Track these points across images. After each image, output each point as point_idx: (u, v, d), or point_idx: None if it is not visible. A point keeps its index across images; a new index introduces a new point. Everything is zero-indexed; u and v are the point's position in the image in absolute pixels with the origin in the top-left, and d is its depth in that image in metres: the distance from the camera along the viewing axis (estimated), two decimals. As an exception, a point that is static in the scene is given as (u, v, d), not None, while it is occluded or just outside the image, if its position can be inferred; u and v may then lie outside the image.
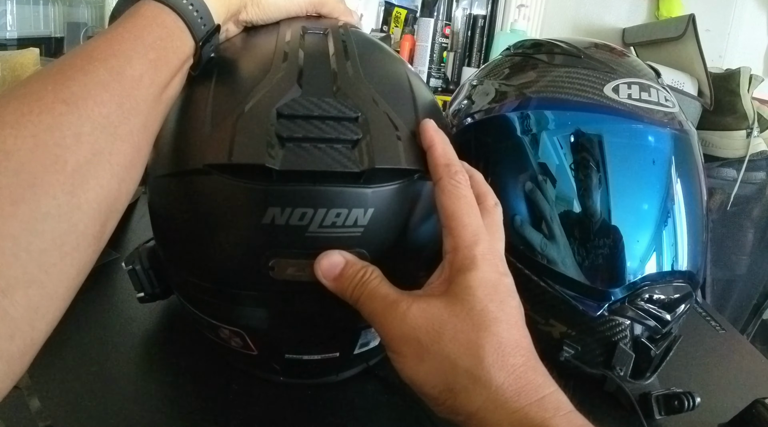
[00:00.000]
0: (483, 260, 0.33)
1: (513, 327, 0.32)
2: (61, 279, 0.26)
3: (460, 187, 0.34)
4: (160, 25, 0.33)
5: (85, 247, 0.27)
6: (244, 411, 0.43)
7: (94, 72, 0.29)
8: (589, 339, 0.48)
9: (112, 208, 0.29)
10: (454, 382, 0.31)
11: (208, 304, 0.40)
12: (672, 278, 0.48)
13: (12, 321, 0.24)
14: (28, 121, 0.26)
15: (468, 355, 0.31)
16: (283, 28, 0.42)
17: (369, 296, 0.33)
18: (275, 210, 0.33)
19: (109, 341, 0.49)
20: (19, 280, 0.24)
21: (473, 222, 0.34)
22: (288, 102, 0.34)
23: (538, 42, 0.57)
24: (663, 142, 0.49)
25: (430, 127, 0.36)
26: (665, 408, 0.47)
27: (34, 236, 0.24)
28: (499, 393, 0.30)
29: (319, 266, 0.34)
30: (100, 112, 0.28)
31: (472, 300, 0.32)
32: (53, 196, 0.25)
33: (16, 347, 0.24)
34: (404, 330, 0.32)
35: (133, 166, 0.31)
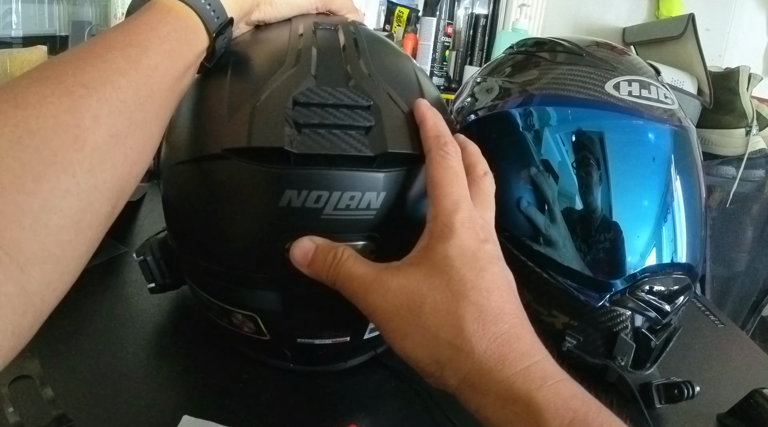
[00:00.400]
0: (462, 227, 0.33)
1: (493, 294, 0.32)
2: (74, 256, 0.27)
3: (447, 157, 0.35)
4: (174, 18, 0.34)
5: (97, 225, 0.28)
6: (254, 399, 0.44)
7: (113, 59, 0.30)
8: (591, 330, 0.49)
9: (123, 190, 0.30)
10: (439, 354, 0.31)
11: (222, 289, 0.41)
12: (672, 270, 0.49)
13: (27, 296, 0.24)
14: (49, 102, 0.26)
15: (448, 326, 0.31)
16: (295, 23, 0.43)
17: (346, 277, 0.34)
18: (292, 193, 0.34)
19: (119, 332, 0.50)
20: (37, 255, 0.24)
21: (455, 191, 0.34)
22: (303, 91, 0.35)
23: (541, 40, 0.58)
24: (663, 138, 0.50)
25: (422, 103, 0.37)
26: (665, 397, 0.48)
27: (53, 213, 0.25)
28: (482, 362, 0.30)
29: (293, 254, 0.35)
30: (117, 97, 0.29)
31: (450, 270, 0.32)
32: (73, 174, 0.26)
33: (27, 322, 0.25)
34: (386, 307, 0.32)
35: (144, 152, 0.32)
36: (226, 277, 0.40)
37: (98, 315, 0.52)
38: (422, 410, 0.45)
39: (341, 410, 0.44)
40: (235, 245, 0.38)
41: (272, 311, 0.40)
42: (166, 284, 0.48)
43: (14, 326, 0.24)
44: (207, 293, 0.43)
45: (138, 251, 0.48)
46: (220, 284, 0.41)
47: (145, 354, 0.48)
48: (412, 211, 0.38)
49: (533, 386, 0.29)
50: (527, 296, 0.50)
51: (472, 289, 0.31)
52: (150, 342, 0.50)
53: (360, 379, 0.48)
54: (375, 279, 0.33)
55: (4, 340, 0.23)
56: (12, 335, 0.24)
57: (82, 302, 0.53)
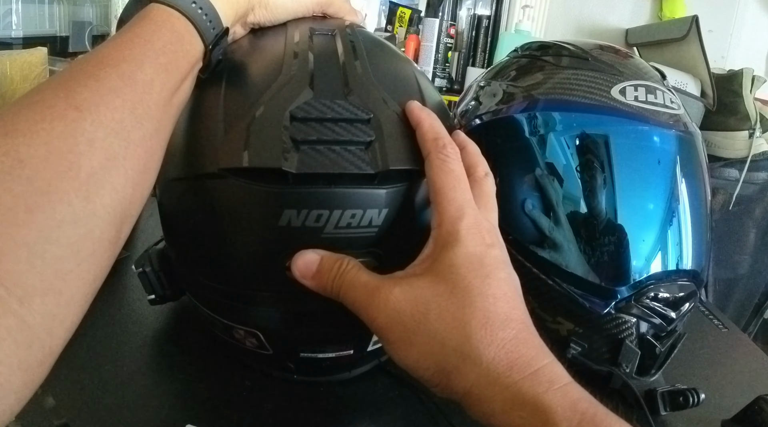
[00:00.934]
0: (467, 233, 0.32)
1: (500, 300, 0.31)
2: (78, 286, 0.26)
3: (447, 161, 0.34)
4: (169, 29, 0.33)
5: (101, 252, 0.27)
6: (257, 408, 0.44)
7: (106, 78, 0.29)
8: (596, 336, 0.49)
9: (126, 213, 0.29)
10: (445, 362, 0.30)
11: (222, 305, 0.40)
12: (677, 276, 0.49)
13: (30, 329, 0.23)
14: (41, 128, 0.25)
15: (455, 333, 0.30)
16: (290, 29, 0.42)
17: (349, 286, 0.33)
18: (291, 212, 0.33)
19: (121, 339, 0.50)
20: (36, 288, 0.24)
21: (459, 196, 0.33)
22: (301, 105, 0.34)
23: (545, 44, 0.58)
24: (668, 144, 0.50)
25: (414, 106, 0.36)
26: (670, 404, 0.47)
27: (49, 244, 0.24)
28: (490, 369, 0.29)
29: (296, 266, 0.34)
30: (113, 118, 0.28)
31: (455, 278, 0.31)
32: (68, 202, 0.25)
33: (34, 356, 0.24)
34: (389, 315, 0.31)
35: (146, 171, 0.31)
36: (226, 294, 0.39)
37: (99, 321, 0.51)
38: (426, 418, 0.45)
39: (345, 419, 0.44)
40: (235, 264, 0.37)
41: (274, 328, 0.40)
42: (166, 295, 0.47)
43: (20, 361, 0.23)
44: (207, 309, 0.42)
45: (137, 262, 0.47)
46: (221, 300, 0.40)
47: (146, 362, 0.48)
48: (415, 225, 0.37)
49: (541, 389, 0.29)
50: (532, 302, 0.49)
51: (479, 295, 0.31)
52: (152, 349, 0.49)
53: (364, 387, 0.47)
54: (377, 287, 0.32)
55: (11, 374, 0.23)
56: (19, 370, 0.23)
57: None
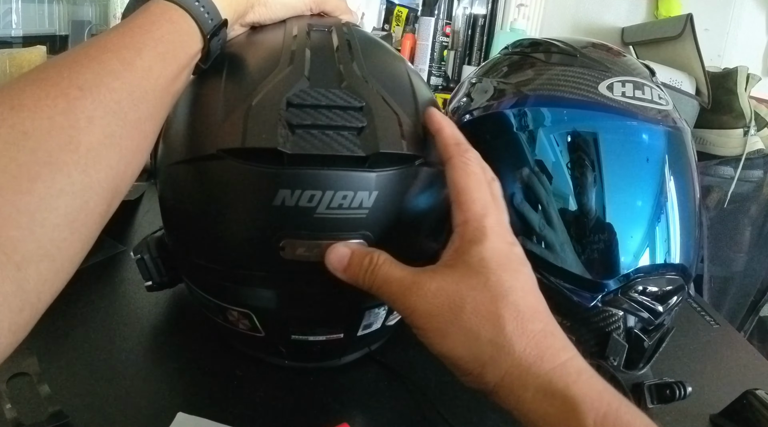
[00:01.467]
0: (492, 231, 0.34)
1: (528, 294, 0.34)
2: (69, 254, 0.27)
3: (470, 163, 0.36)
4: (168, 20, 0.35)
5: (92, 224, 0.29)
6: (248, 396, 0.44)
7: (107, 62, 0.30)
8: (584, 330, 0.49)
9: (117, 189, 0.31)
10: (480, 352, 0.32)
11: (217, 286, 0.42)
12: (665, 270, 0.49)
13: (24, 294, 0.25)
14: (44, 104, 0.27)
15: (489, 325, 0.32)
16: (289, 25, 0.44)
17: (384, 281, 0.35)
18: (285, 192, 0.35)
19: (116, 330, 0.50)
20: (34, 254, 0.25)
21: (483, 196, 0.35)
22: (297, 92, 0.36)
23: (536, 41, 0.58)
24: (657, 139, 0.50)
25: (436, 113, 0.39)
26: (657, 397, 0.48)
27: (49, 212, 0.26)
28: (522, 359, 0.31)
29: (329, 260, 0.36)
30: (111, 98, 0.29)
31: (487, 272, 0.33)
32: (68, 174, 0.27)
33: (23, 319, 0.25)
34: (427, 308, 0.33)
35: (139, 151, 0.32)
36: (221, 275, 0.40)
37: (95, 313, 0.52)
38: (415, 408, 0.46)
39: (335, 408, 0.45)
40: (231, 244, 0.38)
41: (267, 308, 0.41)
42: (163, 282, 0.48)
43: (11, 323, 0.24)
44: (203, 291, 0.43)
45: (135, 249, 0.48)
46: (216, 281, 0.41)
47: (141, 352, 0.48)
48: (404, 210, 0.38)
49: (570, 380, 0.31)
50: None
51: (510, 289, 0.33)
52: (146, 340, 0.50)
53: (354, 376, 0.48)
54: (414, 282, 0.34)
55: (1, 336, 0.24)
56: (9, 332, 0.24)
57: (80, 299, 0.53)
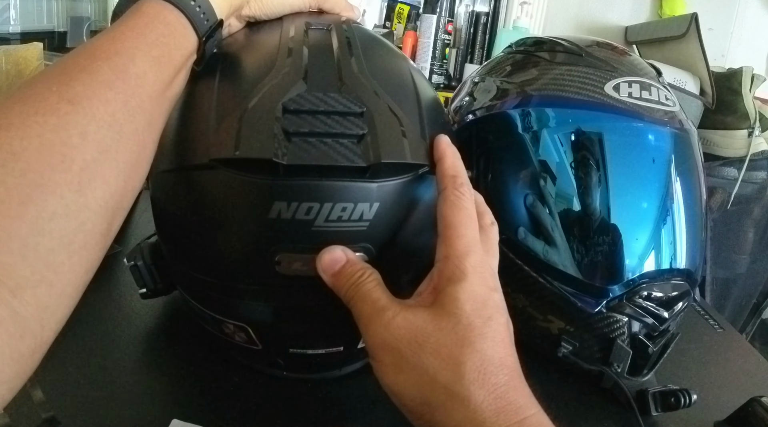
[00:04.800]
0: (473, 272, 0.32)
1: (498, 345, 0.31)
2: (70, 278, 0.26)
3: (463, 198, 0.34)
4: (162, 21, 0.33)
5: (92, 245, 0.27)
6: (244, 404, 0.43)
7: (98, 71, 0.29)
8: (587, 335, 0.48)
9: (118, 206, 0.29)
10: (432, 396, 0.30)
11: (212, 299, 0.40)
12: (670, 275, 0.49)
13: (22, 321, 0.24)
14: (33, 121, 0.26)
15: (448, 370, 0.30)
16: (286, 23, 0.42)
17: (361, 298, 0.33)
18: (281, 204, 0.33)
19: (111, 334, 0.50)
20: (28, 280, 0.24)
21: (469, 234, 0.33)
22: (293, 97, 0.34)
23: (540, 40, 0.57)
24: (663, 141, 0.49)
25: (444, 140, 0.37)
26: (662, 405, 0.47)
27: (41, 236, 0.25)
28: (477, 412, 0.29)
29: (321, 259, 0.34)
30: (105, 111, 0.28)
31: (459, 313, 0.31)
32: (60, 195, 0.25)
33: (26, 347, 0.24)
34: (386, 338, 0.31)
35: (138, 164, 0.31)
36: (216, 287, 0.39)
37: (90, 316, 0.51)
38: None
39: (333, 417, 0.44)
40: (225, 256, 0.37)
41: (263, 323, 0.40)
42: (158, 289, 0.47)
43: (12, 351, 0.23)
44: (198, 303, 0.42)
45: (129, 255, 0.47)
46: (211, 293, 0.40)
47: (136, 356, 0.48)
48: (407, 221, 0.37)
49: None
50: (523, 300, 0.49)
51: (479, 336, 0.31)
52: (141, 344, 0.49)
53: (353, 385, 0.47)
54: (384, 308, 0.32)
55: (4, 364, 0.23)
56: (11, 360, 0.23)
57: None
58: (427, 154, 0.36)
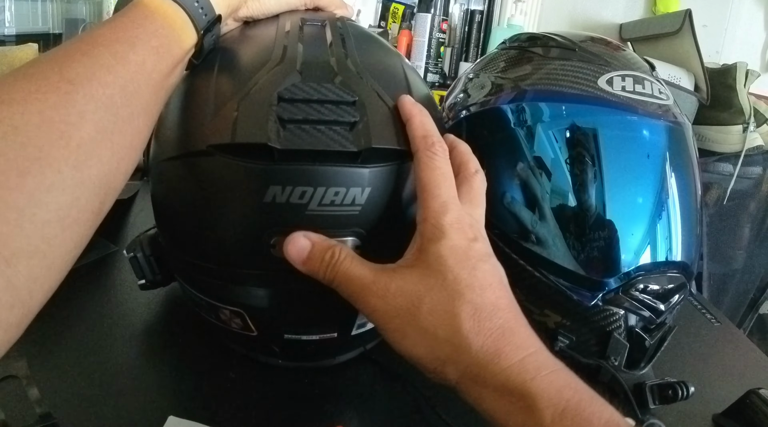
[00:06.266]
0: (451, 228, 0.33)
1: (487, 290, 0.33)
2: (61, 251, 0.27)
3: (435, 158, 0.35)
4: (162, 15, 0.34)
5: (84, 221, 0.28)
6: (240, 398, 0.44)
7: (99, 56, 0.30)
8: (584, 329, 0.48)
9: (110, 186, 0.30)
10: (439, 351, 0.32)
11: (209, 285, 0.41)
12: (666, 268, 0.49)
13: (14, 290, 0.24)
14: (35, 98, 0.27)
15: (446, 325, 0.32)
16: (282, 19, 0.43)
17: (344, 278, 0.34)
18: (276, 188, 0.34)
19: (107, 331, 0.50)
20: (23, 250, 0.25)
21: (443, 193, 0.34)
22: (288, 87, 0.35)
23: (534, 35, 0.57)
24: (657, 135, 0.49)
25: (407, 101, 0.37)
26: (659, 398, 0.47)
27: (38, 208, 0.25)
28: (479, 357, 0.31)
29: (287, 251, 0.35)
30: (104, 93, 0.29)
31: (444, 270, 0.32)
32: (58, 169, 0.26)
33: (15, 316, 0.25)
34: (386, 309, 0.33)
35: (132, 148, 0.32)
36: (213, 273, 0.40)
37: (87, 314, 0.51)
38: (413, 407, 0.45)
39: (329, 410, 0.44)
40: (222, 241, 0.38)
41: (259, 307, 0.40)
42: (156, 280, 0.48)
43: (1, 320, 0.24)
44: (195, 289, 0.43)
45: (128, 247, 0.48)
46: (208, 279, 0.41)
47: (132, 354, 0.48)
48: (398, 207, 0.37)
49: (528, 376, 0.30)
50: (519, 294, 0.48)
51: (467, 287, 0.32)
52: (138, 342, 0.49)
53: (349, 376, 0.47)
54: (373, 281, 0.33)
55: None
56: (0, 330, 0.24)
57: (72, 301, 0.52)
58: None
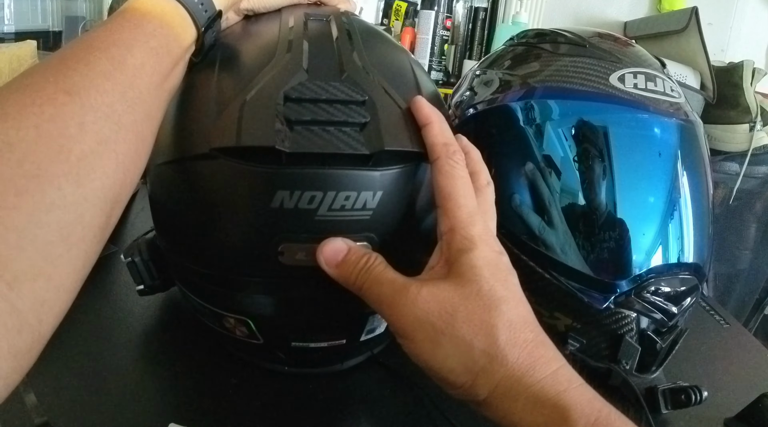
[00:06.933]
0: (480, 240, 0.33)
1: (519, 304, 0.33)
2: (68, 271, 0.26)
3: (457, 167, 0.34)
4: (160, 13, 0.33)
5: (90, 238, 0.27)
6: (243, 405, 0.43)
7: (96, 62, 0.28)
8: (595, 332, 0.47)
9: (116, 198, 0.29)
10: (473, 363, 0.31)
11: (212, 292, 0.40)
12: (678, 270, 0.48)
13: (20, 315, 0.23)
14: (30, 112, 0.25)
15: (483, 335, 0.31)
16: (285, 14, 0.42)
17: (375, 281, 0.33)
18: (284, 193, 0.33)
19: (106, 336, 0.49)
20: (26, 272, 0.23)
21: (469, 203, 0.34)
22: (295, 86, 0.34)
23: (542, 32, 0.56)
24: (669, 133, 0.48)
25: (424, 104, 0.36)
26: (672, 402, 0.46)
27: (39, 228, 0.24)
28: (515, 369, 0.31)
29: (322, 252, 0.34)
30: (103, 102, 0.28)
31: (480, 280, 0.32)
32: (58, 186, 0.25)
33: (24, 342, 0.24)
34: (417, 314, 0.32)
35: (137, 156, 0.30)
36: (216, 280, 0.38)
37: (85, 318, 0.50)
38: (422, 413, 0.44)
39: (337, 416, 0.43)
40: (226, 248, 0.36)
41: (265, 315, 0.39)
42: (155, 285, 0.47)
43: (10, 346, 0.23)
44: (197, 297, 0.41)
45: (126, 252, 0.46)
46: (211, 287, 0.39)
47: (132, 359, 0.47)
48: (410, 210, 0.36)
49: (561, 388, 0.30)
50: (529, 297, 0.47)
51: (502, 299, 0.32)
52: (137, 346, 0.48)
53: (356, 381, 0.46)
54: (405, 286, 0.33)
55: (1, 359, 0.22)
56: (9, 355, 0.23)
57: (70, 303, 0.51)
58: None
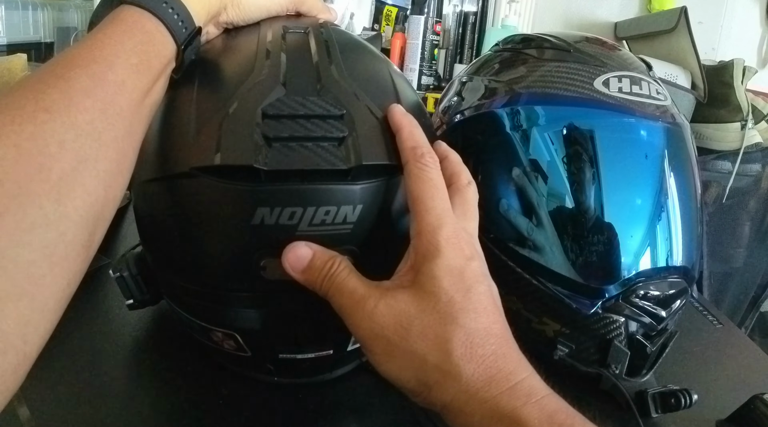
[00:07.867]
0: (447, 244, 0.32)
1: (481, 315, 0.31)
2: (52, 291, 0.26)
3: (426, 169, 0.34)
4: (140, 29, 0.33)
5: (74, 256, 0.27)
6: (234, 416, 0.43)
7: (76, 79, 0.28)
8: (584, 337, 0.47)
9: (99, 216, 0.28)
10: (426, 377, 0.31)
11: (199, 307, 0.40)
12: (667, 273, 0.48)
13: (4, 336, 0.23)
14: (9, 130, 0.25)
15: (436, 350, 0.30)
16: (263, 28, 0.41)
17: (337, 290, 0.33)
18: (264, 210, 0.33)
19: (98, 348, 0.49)
20: (9, 293, 0.23)
21: (438, 205, 0.33)
22: (273, 102, 0.34)
23: (528, 37, 0.57)
24: (655, 136, 0.48)
25: (397, 110, 0.36)
26: (662, 406, 0.46)
27: (21, 248, 0.24)
28: (469, 384, 0.30)
29: (286, 258, 0.34)
30: (83, 119, 0.28)
31: (438, 291, 0.31)
32: (39, 205, 0.25)
33: (9, 363, 0.24)
34: (372, 328, 0.31)
35: (119, 173, 0.30)
36: (202, 295, 0.38)
37: (77, 330, 0.50)
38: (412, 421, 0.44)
39: (326, 425, 0.43)
40: (209, 264, 0.36)
41: (251, 329, 0.39)
42: (145, 299, 0.46)
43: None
44: (184, 311, 0.41)
45: (114, 267, 0.46)
46: (197, 302, 0.39)
47: (124, 371, 0.47)
48: (391, 222, 0.36)
49: (518, 403, 0.29)
50: (517, 303, 0.48)
51: (460, 311, 0.31)
52: (129, 358, 0.48)
53: (345, 390, 0.46)
54: (363, 297, 0.32)
55: None
56: None
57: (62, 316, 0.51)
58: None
